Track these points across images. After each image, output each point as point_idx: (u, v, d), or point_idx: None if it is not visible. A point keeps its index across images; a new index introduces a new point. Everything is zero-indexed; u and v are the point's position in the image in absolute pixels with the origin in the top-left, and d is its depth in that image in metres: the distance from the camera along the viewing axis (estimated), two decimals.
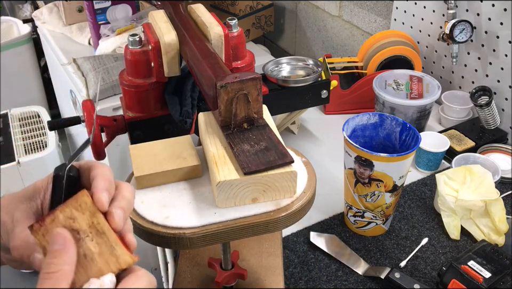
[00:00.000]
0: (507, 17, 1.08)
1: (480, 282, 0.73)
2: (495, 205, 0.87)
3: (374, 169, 0.80)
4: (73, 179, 0.49)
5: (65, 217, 0.44)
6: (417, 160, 1.08)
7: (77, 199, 0.45)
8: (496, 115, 1.13)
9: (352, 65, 1.33)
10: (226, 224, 0.57)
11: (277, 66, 1.08)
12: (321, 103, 1.06)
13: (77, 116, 0.93)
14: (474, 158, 1.02)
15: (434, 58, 1.33)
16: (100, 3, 1.62)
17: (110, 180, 0.48)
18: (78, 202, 0.45)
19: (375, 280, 0.82)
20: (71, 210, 0.45)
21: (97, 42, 1.64)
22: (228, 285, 0.74)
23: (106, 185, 0.47)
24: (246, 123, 0.62)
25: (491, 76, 1.17)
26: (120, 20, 1.68)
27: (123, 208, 0.46)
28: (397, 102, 1.10)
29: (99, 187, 0.46)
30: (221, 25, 0.86)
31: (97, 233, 0.44)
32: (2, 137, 1.82)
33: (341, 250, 0.87)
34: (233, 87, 0.60)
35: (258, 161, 0.57)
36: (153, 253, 1.59)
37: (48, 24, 1.90)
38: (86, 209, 0.45)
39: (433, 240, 0.90)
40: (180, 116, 0.89)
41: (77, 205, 0.45)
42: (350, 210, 0.90)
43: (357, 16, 1.57)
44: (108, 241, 0.44)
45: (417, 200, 0.99)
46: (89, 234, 0.44)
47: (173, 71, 0.87)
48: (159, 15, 0.92)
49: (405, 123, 0.86)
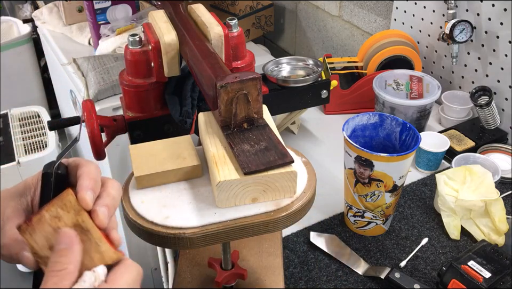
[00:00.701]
0: (507, 17, 1.08)
1: (480, 282, 0.73)
2: (495, 205, 0.87)
3: (374, 169, 0.80)
4: (62, 176, 0.50)
5: (51, 216, 0.46)
6: (417, 160, 1.08)
7: (62, 198, 0.46)
8: (496, 115, 1.13)
9: (352, 65, 1.33)
10: (226, 224, 0.57)
11: (277, 66, 1.08)
12: (321, 103, 1.06)
13: (77, 116, 0.93)
14: (474, 158, 1.02)
15: (434, 58, 1.33)
16: (100, 3, 1.62)
17: (95, 178, 0.48)
18: (63, 201, 0.46)
19: (375, 280, 0.82)
20: (56, 209, 0.46)
21: (97, 42, 1.64)
22: (228, 285, 0.74)
23: (91, 184, 0.47)
24: (246, 123, 0.62)
25: (491, 76, 1.17)
26: (120, 20, 1.68)
27: (107, 206, 0.47)
28: (397, 102, 1.10)
29: (83, 186, 0.47)
30: (221, 25, 0.86)
31: (81, 231, 0.45)
32: (2, 137, 1.82)
33: (341, 250, 0.87)
34: (233, 87, 0.60)
35: (258, 161, 0.57)
36: (153, 253, 1.59)
37: (48, 24, 1.90)
38: (70, 208, 0.46)
39: (433, 240, 0.90)
40: (180, 116, 0.89)
41: (62, 204, 0.46)
42: (350, 210, 0.90)
43: (357, 16, 1.57)
44: (92, 238, 0.45)
45: (417, 200, 0.99)
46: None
47: (173, 71, 0.87)
48: (159, 15, 0.92)
49: (405, 123, 0.86)
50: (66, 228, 0.44)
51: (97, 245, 0.45)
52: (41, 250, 0.45)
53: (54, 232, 0.45)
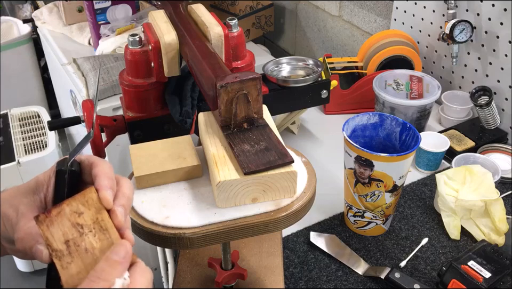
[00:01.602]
0: (507, 17, 1.08)
1: (480, 282, 0.73)
2: (495, 205, 0.87)
3: (374, 169, 0.80)
4: (75, 174, 0.50)
5: (71, 211, 0.46)
6: (417, 160, 1.08)
7: (85, 194, 0.47)
8: (496, 115, 1.13)
9: (352, 65, 1.33)
10: (226, 224, 0.57)
11: (277, 66, 1.08)
12: (321, 103, 1.06)
13: (77, 116, 0.93)
14: (474, 158, 1.02)
15: (434, 58, 1.33)
16: (100, 3, 1.62)
17: (112, 178, 0.49)
18: (85, 198, 0.47)
19: (375, 280, 0.82)
20: (77, 204, 0.46)
21: (97, 42, 1.64)
22: (228, 285, 0.74)
23: (110, 183, 0.48)
24: (246, 123, 0.62)
25: (491, 76, 1.17)
26: (120, 20, 1.68)
27: (124, 206, 0.48)
28: (397, 102, 1.10)
29: (103, 185, 0.47)
30: (221, 25, 0.86)
31: (100, 229, 0.46)
32: (2, 137, 1.82)
33: (341, 250, 0.87)
34: (233, 87, 0.60)
35: (258, 161, 0.57)
36: (153, 253, 1.59)
37: (48, 24, 1.90)
38: (92, 205, 0.47)
39: (433, 240, 0.90)
40: (180, 116, 0.89)
41: (84, 200, 0.46)
42: (350, 210, 0.90)
43: (357, 16, 1.57)
44: (110, 238, 0.46)
45: (417, 200, 0.99)
46: (92, 230, 0.46)
47: (173, 71, 0.87)
48: (159, 15, 0.92)
49: (405, 123, 0.86)
50: (125, 241, 0.45)
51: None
52: (56, 243, 0.45)
53: (72, 227, 0.45)
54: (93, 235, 0.45)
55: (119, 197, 0.48)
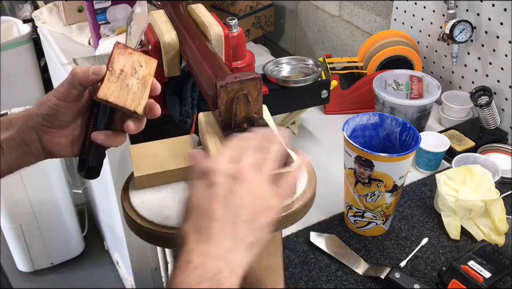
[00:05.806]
0: (507, 17, 1.08)
1: (480, 282, 0.73)
2: (495, 205, 0.87)
3: (374, 169, 0.80)
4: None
5: (137, 59, 0.62)
6: (417, 160, 1.08)
7: (150, 58, 0.63)
8: (496, 115, 1.13)
9: (352, 65, 1.33)
10: None
11: (277, 66, 1.08)
12: (321, 103, 1.06)
13: None
14: (474, 158, 1.02)
15: (434, 58, 1.33)
16: (100, 3, 1.62)
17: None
18: (150, 60, 0.63)
19: (375, 280, 0.82)
20: (143, 59, 0.62)
21: (97, 42, 1.64)
22: None
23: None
24: (246, 123, 0.62)
25: (491, 76, 1.17)
26: (120, 20, 1.68)
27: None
28: (397, 102, 1.10)
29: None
30: (221, 25, 0.86)
31: (142, 85, 0.61)
32: None
33: (341, 250, 0.87)
34: (233, 87, 0.60)
35: None
36: (153, 253, 1.59)
37: (48, 24, 1.90)
38: (149, 68, 0.63)
39: (433, 240, 0.90)
40: (180, 116, 0.89)
41: (148, 60, 0.63)
42: (350, 210, 0.90)
43: (357, 16, 1.57)
44: (143, 91, 0.61)
45: (417, 200, 0.99)
46: (138, 80, 0.61)
47: (173, 71, 0.87)
48: (159, 15, 0.92)
49: (405, 123, 0.86)
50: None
51: (141, 97, 0.61)
52: (116, 64, 0.60)
53: (130, 67, 0.61)
54: (136, 83, 0.61)
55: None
